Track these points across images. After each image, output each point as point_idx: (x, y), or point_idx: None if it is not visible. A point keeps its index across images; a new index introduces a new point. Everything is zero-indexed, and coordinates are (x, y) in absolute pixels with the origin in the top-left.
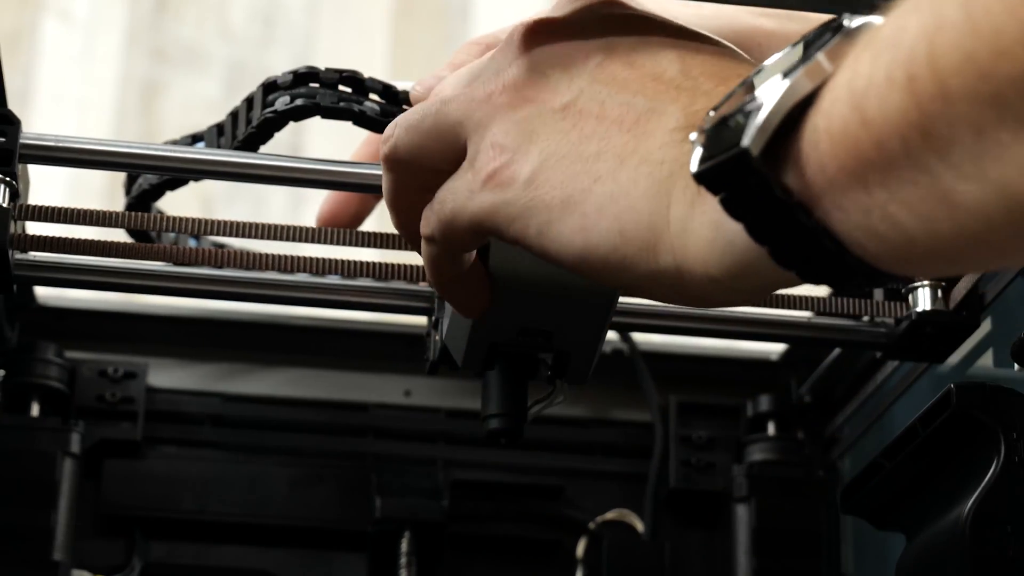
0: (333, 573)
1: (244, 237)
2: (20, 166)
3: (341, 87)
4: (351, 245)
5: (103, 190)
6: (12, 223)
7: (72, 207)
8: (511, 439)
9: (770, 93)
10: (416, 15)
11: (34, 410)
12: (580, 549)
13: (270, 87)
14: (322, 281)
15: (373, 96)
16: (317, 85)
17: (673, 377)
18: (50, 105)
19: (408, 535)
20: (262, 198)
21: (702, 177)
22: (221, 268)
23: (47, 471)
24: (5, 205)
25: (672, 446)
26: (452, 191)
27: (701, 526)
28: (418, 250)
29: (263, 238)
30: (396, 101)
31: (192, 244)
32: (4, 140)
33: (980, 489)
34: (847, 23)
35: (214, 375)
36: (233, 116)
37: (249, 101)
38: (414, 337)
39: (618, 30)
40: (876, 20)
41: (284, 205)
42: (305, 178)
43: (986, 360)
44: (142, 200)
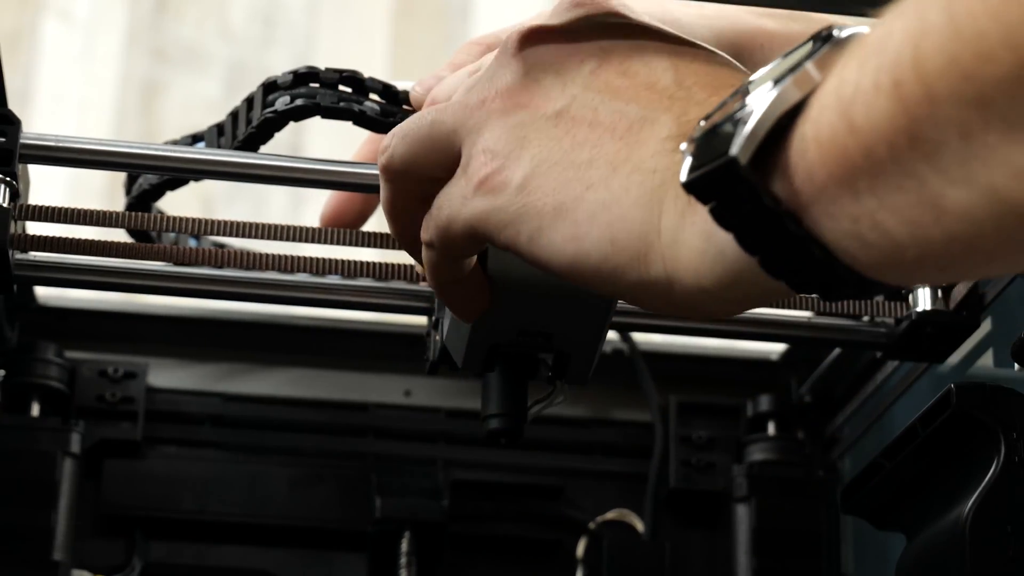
0: (333, 573)
1: (244, 237)
2: (20, 166)
3: (341, 87)
4: (351, 245)
5: (103, 190)
6: (12, 223)
7: (72, 207)
8: (511, 439)
9: (759, 102)
10: (416, 15)
11: (34, 410)
12: (580, 549)
13: (270, 87)
14: (322, 281)
15: (373, 96)
16: (317, 85)
17: (673, 377)
18: (50, 105)
19: (408, 535)
20: (262, 198)
21: (691, 186)
22: (221, 268)
23: (47, 471)
24: (5, 205)
25: (672, 446)
26: (448, 197)
27: (701, 526)
28: (416, 258)
29: (263, 238)
30: (396, 101)
31: (192, 244)
32: (4, 140)
33: (980, 489)
34: (836, 33)
35: (214, 375)
36: (233, 116)
37: (249, 101)
38: (414, 337)
39: (613, 38)
40: (864, 30)
41: (284, 205)
42: (305, 178)
43: (986, 360)
44: (142, 200)
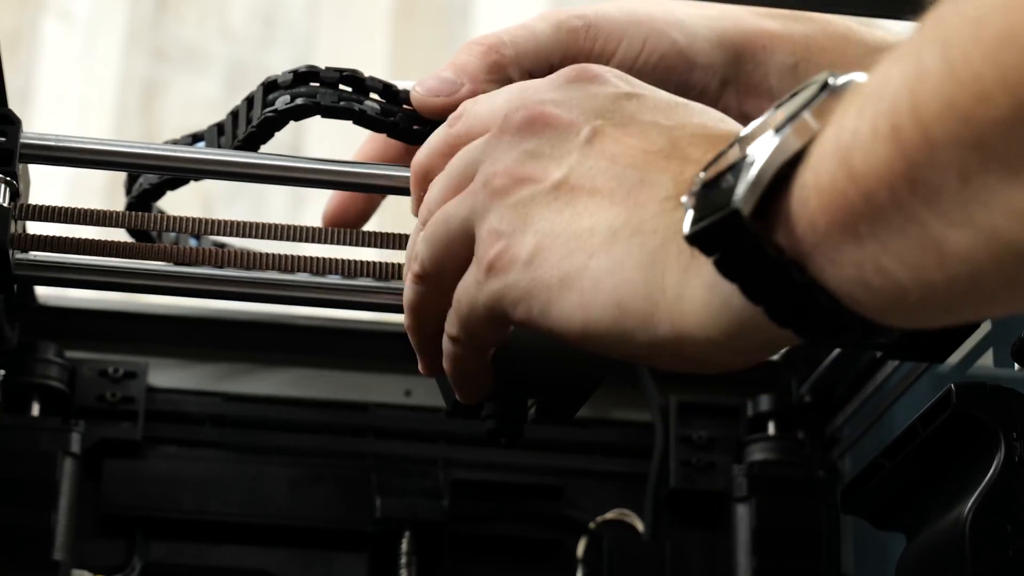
0: (333, 573)
1: (244, 237)
2: (21, 166)
3: (341, 86)
4: (352, 245)
5: (103, 190)
6: (12, 223)
7: (72, 207)
8: (511, 439)
9: (759, 152)
10: (416, 15)
11: (34, 410)
12: (580, 549)
13: (270, 86)
14: (322, 281)
15: (373, 95)
16: (317, 84)
17: (673, 377)
18: (51, 105)
19: (408, 535)
20: (262, 198)
21: (695, 239)
22: (222, 268)
23: (47, 471)
24: (5, 205)
25: (672, 446)
26: (464, 288)
27: (701, 526)
28: (423, 354)
29: (263, 238)
30: (396, 101)
31: (192, 244)
32: (5, 140)
33: (980, 489)
34: (832, 81)
35: (214, 375)
36: (233, 115)
37: (249, 100)
38: None
39: (607, 106)
40: (860, 77)
41: (284, 205)
42: (305, 178)
43: (986, 360)
44: (142, 200)
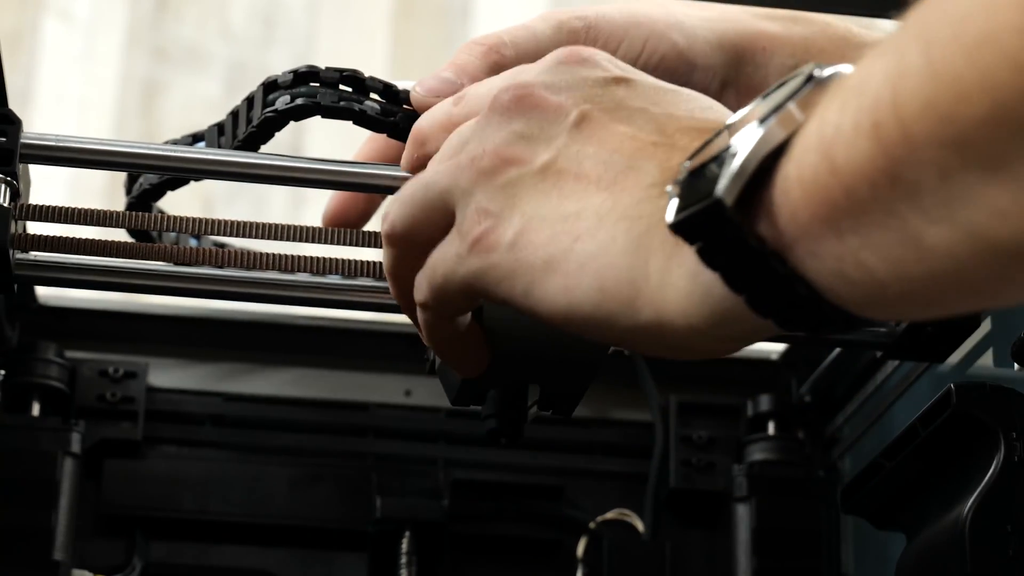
0: (333, 573)
1: (245, 237)
2: (21, 166)
3: (342, 86)
4: (352, 245)
5: (103, 190)
6: (12, 223)
7: (72, 207)
8: (511, 439)
9: (743, 143)
10: (416, 15)
11: (34, 410)
12: (580, 549)
13: (270, 86)
14: (323, 281)
15: (374, 95)
16: (318, 84)
17: (673, 377)
18: (51, 105)
19: (408, 535)
20: (262, 198)
21: (678, 227)
22: (222, 268)
23: (47, 471)
24: (6, 205)
25: (672, 446)
26: (442, 257)
27: (701, 526)
28: (414, 321)
29: (263, 238)
30: (397, 100)
31: (192, 244)
32: (5, 140)
33: (980, 489)
34: (817, 73)
35: (215, 375)
36: (233, 115)
37: (249, 100)
38: (414, 337)
39: (596, 91)
40: (846, 69)
41: (284, 205)
42: (305, 178)
43: (986, 360)
44: (143, 200)
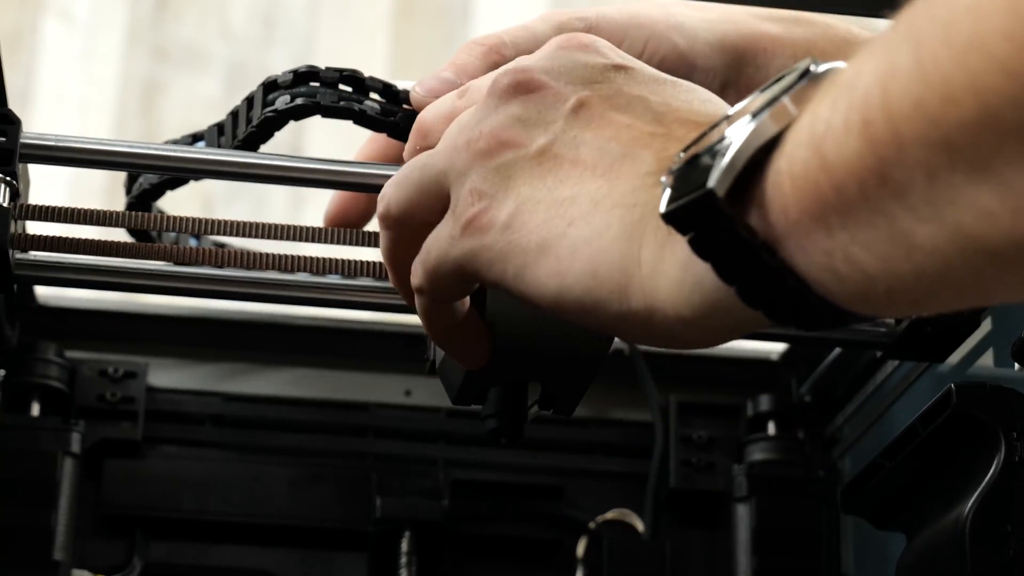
0: (333, 573)
1: (244, 237)
2: (21, 166)
3: (341, 86)
4: (351, 245)
5: (103, 190)
6: (12, 223)
7: (72, 207)
8: (511, 439)
9: (737, 135)
10: (416, 15)
11: (34, 410)
12: (580, 549)
13: (270, 86)
14: (322, 281)
15: (373, 95)
16: (317, 84)
17: (673, 377)
18: (51, 105)
19: (408, 535)
20: (262, 198)
21: (670, 217)
22: (222, 268)
23: (47, 471)
24: (5, 205)
25: (672, 446)
26: (436, 239)
27: (701, 526)
28: (414, 309)
29: (263, 238)
30: (396, 100)
31: (192, 244)
32: (5, 140)
33: (980, 489)
34: (813, 68)
35: (214, 375)
36: (233, 115)
37: (249, 100)
38: (414, 337)
39: (595, 78)
40: (841, 65)
41: (284, 205)
42: (305, 178)
43: (986, 360)
44: (142, 199)
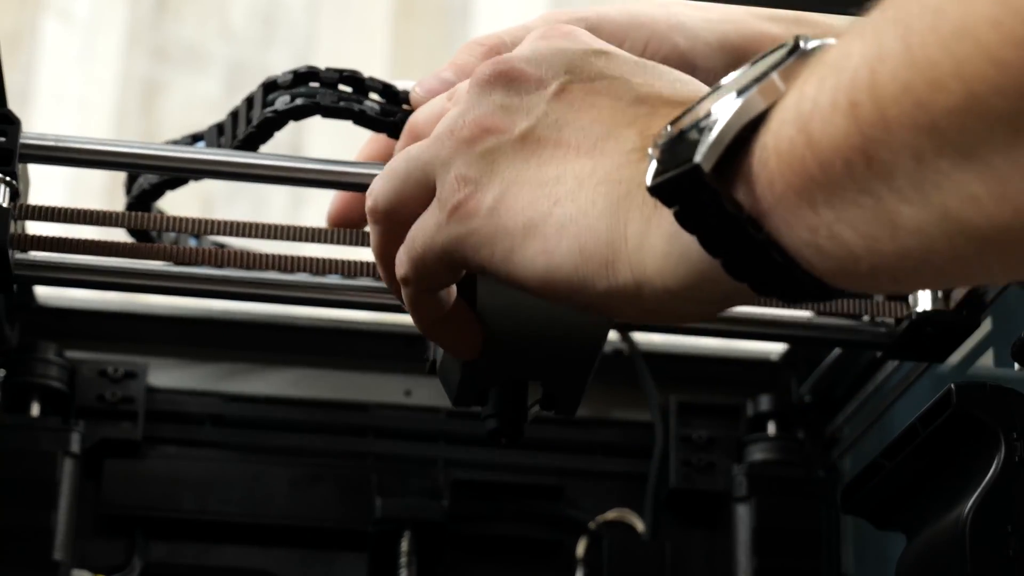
0: (333, 573)
1: (244, 237)
2: (20, 166)
3: (341, 86)
4: (351, 245)
5: (103, 190)
6: (12, 223)
7: (72, 207)
8: (511, 439)
9: (724, 110)
10: (416, 15)
11: (34, 410)
12: (580, 549)
13: (270, 86)
14: (322, 281)
15: (373, 95)
16: (317, 84)
17: (673, 377)
18: (50, 105)
19: (408, 535)
20: (262, 198)
21: (656, 191)
22: (222, 268)
23: (47, 471)
24: (5, 205)
25: (672, 446)
26: (421, 228)
27: (701, 526)
28: (402, 301)
29: (263, 238)
30: (396, 100)
31: (192, 244)
32: (4, 140)
33: (980, 489)
34: (803, 44)
35: (214, 375)
36: (233, 115)
37: (249, 100)
38: (414, 337)
39: (577, 63)
40: (831, 42)
41: (284, 205)
42: (305, 178)
43: (986, 360)
44: (142, 199)
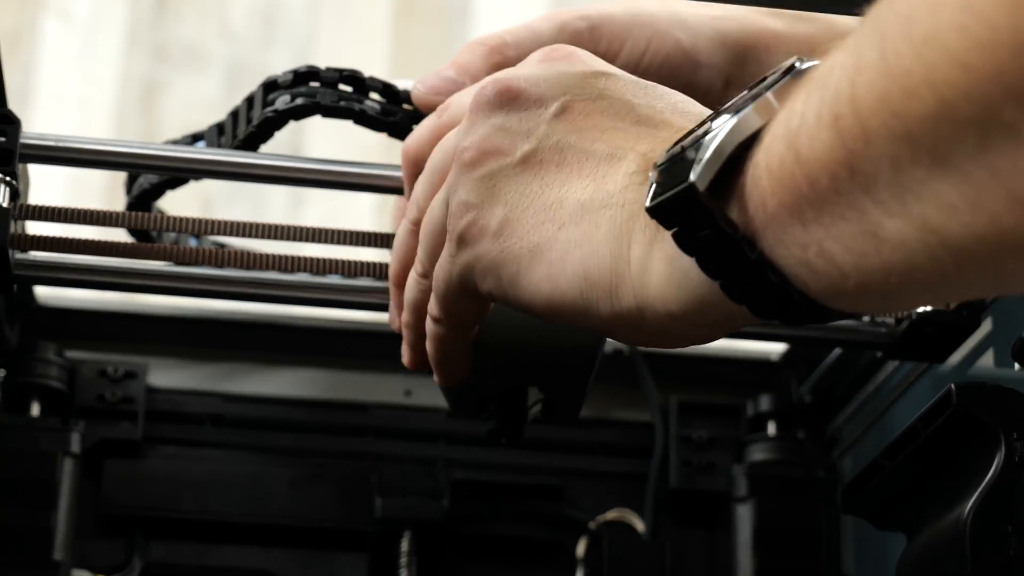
0: (333, 573)
1: (244, 237)
2: (20, 166)
3: (341, 86)
4: (351, 245)
5: (103, 190)
6: (12, 223)
7: (72, 207)
8: (512, 439)
9: (719, 129)
10: (416, 15)
11: (34, 410)
12: (580, 549)
13: (270, 86)
14: (322, 281)
15: (373, 95)
16: (317, 84)
17: (673, 377)
18: (50, 105)
19: (408, 535)
20: (262, 198)
21: (655, 211)
22: (222, 268)
23: (47, 471)
24: (5, 205)
25: (672, 446)
26: (440, 263)
27: (702, 526)
28: (416, 349)
29: (263, 238)
30: (396, 100)
31: (193, 243)
32: (4, 140)
33: (980, 489)
34: (798, 65)
35: (214, 375)
36: (233, 115)
37: (249, 100)
38: None
39: (578, 84)
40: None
41: (284, 205)
42: (305, 178)
43: (986, 360)
44: (143, 199)
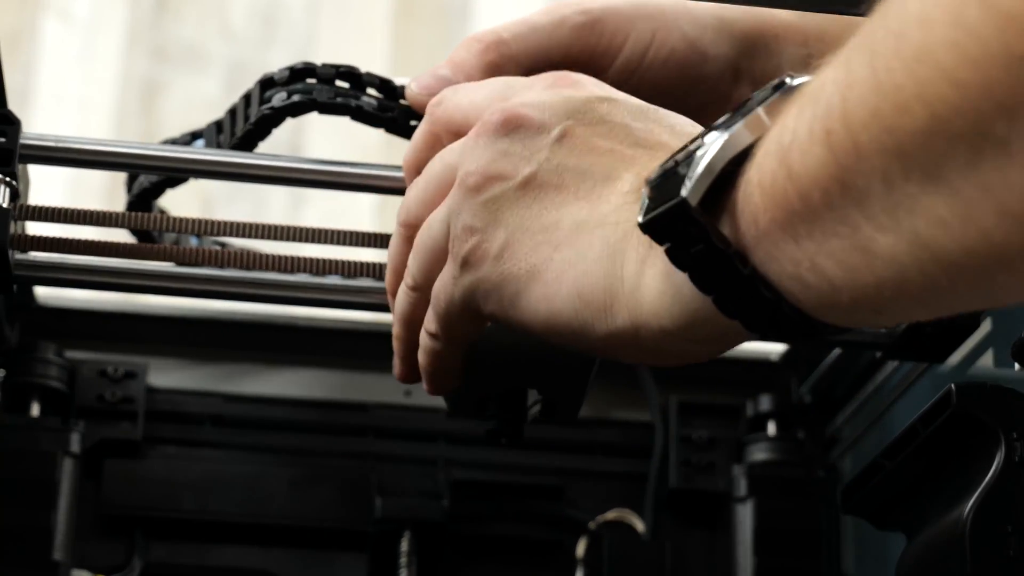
0: (333, 573)
1: (244, 237)
2: (20, 166)
3: (338, 82)
4: (351, 245)
5: (103, 190)
6: (12, 223)
7: (72, 207)
8: (512, 439)
9: (711, 145)
10: (416, 15)
11: (34, 410)
12: (580, 549)
13: (267, 83)
14: (322, 281)
15: (371, 91)
16: (314, 81)
17: (673, 377)
18: (50, 105)
19: (408, 535)
20: (262, 198)
21: (647, 227)
22: (222, 268)
23: (47, 471)
24: (5, 205)
25: (672, 446)
26: (441, 284)
27: (701, 526)
28: (407, 362)
29: (263, 238)
30: (394, 96)
31: (193, 244)
32: (4, 140)
33: (980, 489)
34: (789, 81)
35: (214, 375)
36: (232, 113)
37: (247, 98)
38: None
39: (580, 108)
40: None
41: (284, 205)
42: (305, 178)
43: (986, 360)
44: (143, 199)
